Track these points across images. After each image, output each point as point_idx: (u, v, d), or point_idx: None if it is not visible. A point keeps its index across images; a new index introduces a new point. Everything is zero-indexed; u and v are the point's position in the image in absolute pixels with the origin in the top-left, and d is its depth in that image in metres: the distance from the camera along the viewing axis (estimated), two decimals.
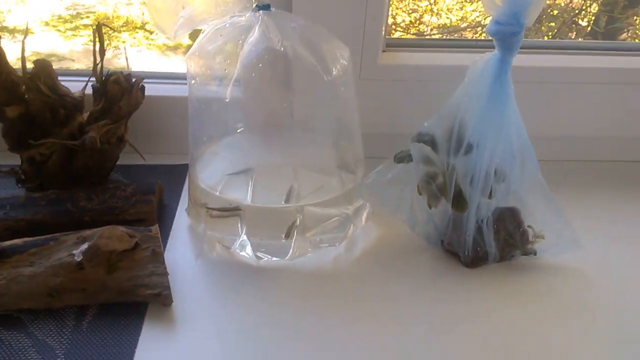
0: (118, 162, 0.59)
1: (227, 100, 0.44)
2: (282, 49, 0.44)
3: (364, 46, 0.56)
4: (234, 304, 0.47)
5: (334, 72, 0.46)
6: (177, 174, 0.62)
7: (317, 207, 0.50)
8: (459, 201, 0.48)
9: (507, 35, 0.41)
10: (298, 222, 0.50)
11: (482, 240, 0.50)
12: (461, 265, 0.52)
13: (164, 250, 0.51)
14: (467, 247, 0.50)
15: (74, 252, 0.44)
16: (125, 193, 0.53)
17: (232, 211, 0.51)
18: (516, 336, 0.45)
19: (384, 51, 0.58)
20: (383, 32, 0.56)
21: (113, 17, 0.88)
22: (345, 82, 0.48)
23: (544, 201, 0.50)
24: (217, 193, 0.50)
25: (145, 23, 0.91)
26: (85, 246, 0.44)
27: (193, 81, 0.48)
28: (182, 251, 0.52)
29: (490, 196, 0.48)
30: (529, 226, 0.51)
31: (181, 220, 0.56)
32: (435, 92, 0.57)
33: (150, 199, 0.53)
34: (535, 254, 0.52)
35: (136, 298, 0.44)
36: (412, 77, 0.58)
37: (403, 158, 0.50)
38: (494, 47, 0.47)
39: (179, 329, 0.44)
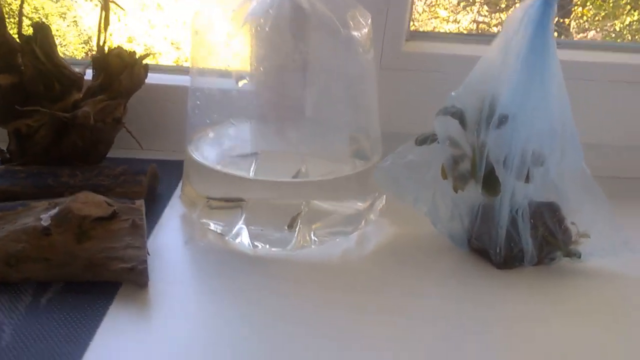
0: (110, 154, 0.54)
1: (236, 48, 0.40)
2: None
3: (386, 33, 0.52)
4: (222, 291, 0.41)
5: (351, 27, 0.41)
6: (174, 169, 0.57)
7: (324, 202, 0.45)
8: (491, 183, 0.41)
9: None
10: (303, 213, 0.44)
11: (517, 236, 0.43)
12: (491, 267, 0.44)
13: (148, 237, 0.45)
14: (499, 242, 0.43)
15: (42, 216, 0.38)
16: (114, 172, 0.48)
17: (234, 202, 0.46)
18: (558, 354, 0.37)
19: (407, 40, 0.54)
20: (408, 19, 0.53)
21: None
22: (365, 47, 0.43)
23: (588, 195, 0.43)
24: (219, 167, 0.45)
25: None
26: (55, 210, 0.38)
27: (197, 37, 0.44)
28: (169, 237, 0.46)
29: (527, 180, 0.41)
30: (572, 223, 0.44)
31: (173, 211, 0.50)
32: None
33: (140, 180, 0.48)
34: (579, 257, 0.44)
35: (106, 273, 0.38)
36: (437, 67, 0.54)
37: (426, 139, 0.44)
38: None
39: (151, 314, 0.37)
